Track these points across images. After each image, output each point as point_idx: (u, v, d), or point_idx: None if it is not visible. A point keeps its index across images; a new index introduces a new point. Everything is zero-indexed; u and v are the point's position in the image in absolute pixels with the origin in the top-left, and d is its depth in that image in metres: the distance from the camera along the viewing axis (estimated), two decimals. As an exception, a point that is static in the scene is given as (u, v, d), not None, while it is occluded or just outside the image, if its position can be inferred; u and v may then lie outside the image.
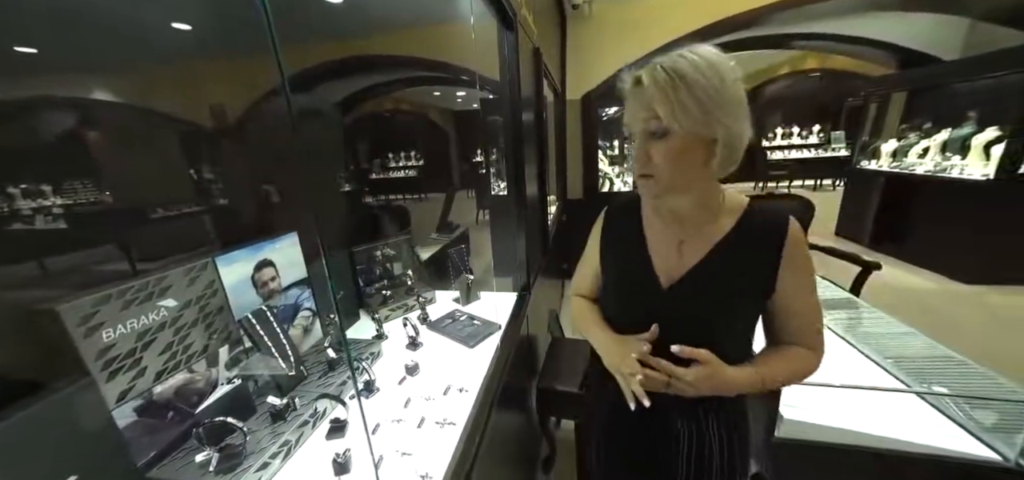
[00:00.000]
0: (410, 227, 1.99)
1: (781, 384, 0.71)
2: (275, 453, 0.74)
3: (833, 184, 8.25)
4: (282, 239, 1.05)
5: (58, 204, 1.02)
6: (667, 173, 0.62)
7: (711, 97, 0.57)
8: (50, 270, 0.85)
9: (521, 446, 1.51)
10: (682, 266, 0.70)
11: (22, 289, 0.73)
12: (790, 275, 0.65)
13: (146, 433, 0.71)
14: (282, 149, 1.06)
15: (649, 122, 0.60)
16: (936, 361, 1.24)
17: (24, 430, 0.54)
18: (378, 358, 1.12)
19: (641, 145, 0.63)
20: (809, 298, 0.69)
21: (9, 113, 0.86)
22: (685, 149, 0.60)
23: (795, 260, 0.65)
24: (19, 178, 0.90)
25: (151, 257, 0.89)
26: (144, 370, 0.72)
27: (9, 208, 0.91)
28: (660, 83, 0.58)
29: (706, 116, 0.58)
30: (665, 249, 0.72)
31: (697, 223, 0.69)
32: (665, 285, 0.71)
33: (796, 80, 9.20)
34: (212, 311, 0.86)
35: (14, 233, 0.85)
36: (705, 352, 0.63)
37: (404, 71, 2.78)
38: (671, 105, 0.57)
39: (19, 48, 0.83)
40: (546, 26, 3.12)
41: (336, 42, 1.92)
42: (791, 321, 0.70)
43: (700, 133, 0.59)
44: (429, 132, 4.83)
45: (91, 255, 0.98)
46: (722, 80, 0.58)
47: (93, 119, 1.03)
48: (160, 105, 1.25)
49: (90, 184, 1.07)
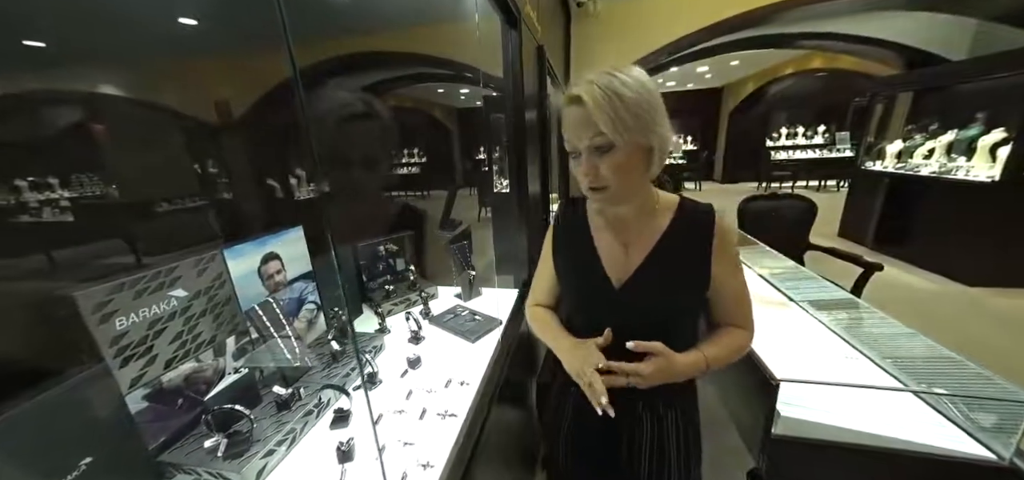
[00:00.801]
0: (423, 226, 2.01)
1: (723, 363, 0.76)
2: (280, 441, 0.76)
3: (837, 185, 8.19)
4: (288, 233, 1.07)
5: (66, 197, 1.04)
6: (616, 183, 0.67)
7: (644, 109, 0.63)
8: (59, 262, 0.87)
9: (521, 442, 1.53)
10: (629, 266, 0.75)
11: (38, 280, 0.75)
12: (721, 264, 0.73)
13: (157, 419, 0.74)
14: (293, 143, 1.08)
15: (595, 138, 0.64)
16: (935, 361, 1.25)
17: (44, 413, 0.57)
18: (381, 351, 1.14)
19: (588, 159, 0.66)
20: (736, 282, 0.77)
21: (16, 107, 0.88)
22: (629, 159, 0.65)
23: (724, 250, 0.73)
24: (28, 171, 0.92)
25: (161, 250, 0.91)
26: (155, 358, 0.74)
27: (17, 200, 0.93)
28: (600, 101, 0.62)
29: (643, 127, 0.63)
30: (613, 251, 0.77)
31: (638, 225, 0.76)
32: (617, 286, 0.76)
33: (801, 79, 9.13)
34: (220, 302, 0.88)
35: (24, 225, 0.88)
36: (658, 344, 0.69)
37: (408, 68, 2.80)
38: (613, 121, 0.61)
39: (27, 42, 0.85)
40: (551, 24, 3.12)
41: (339, 38, 1.94)
42: (725, 305, 0.78)
43: (640, 143, 0.65)
44: (432, 130, 4.85)
45: (100, 248, 1.00)
46: (650, 93, 0.64)
47: (99, 113, 1.05)
48: (169, 100, 1.27)
49: (96, 178, 1.10)
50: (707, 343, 0.77)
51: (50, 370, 0.62)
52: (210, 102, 1.42)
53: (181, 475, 0.71)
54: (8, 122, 0.86)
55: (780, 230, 2.57)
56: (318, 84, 1.86)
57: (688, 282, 0.75)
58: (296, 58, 0.42)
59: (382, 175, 1.67)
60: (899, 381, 1.19)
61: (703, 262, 0.73)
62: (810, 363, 1.27)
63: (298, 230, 1.11)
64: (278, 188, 1.88)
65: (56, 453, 0.58)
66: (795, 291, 1.78)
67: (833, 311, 1.61)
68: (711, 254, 0.72)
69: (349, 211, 1.51)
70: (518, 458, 1.47)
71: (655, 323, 0.74)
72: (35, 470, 0.55)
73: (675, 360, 0.70)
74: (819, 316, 1.56)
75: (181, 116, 1.35)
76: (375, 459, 0.76)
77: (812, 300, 1.69)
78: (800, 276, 1.99)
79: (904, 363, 1.24)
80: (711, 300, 0.78)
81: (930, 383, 1.15)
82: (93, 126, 1.07)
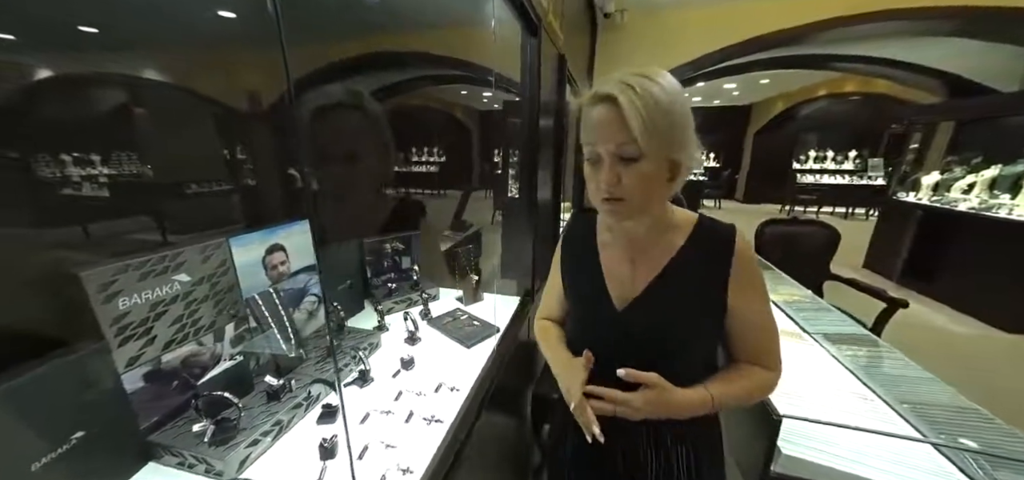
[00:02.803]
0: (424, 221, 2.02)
1: (735, 404, 0.69)
2: (267, 431, 0.77)
3: (866, 214, 7.85)
4: (294, 225, 1.09)
5: (105, 174, 1.09)
6: (638, 196, 0.61)
7: (678, 120, 0.58)
8: (93, 235, 0.91)
9: (513, 452, 1.51)
10: (635, 287, 0.70)
11: (68, 250, 0.78)
12: (741, 292, 0.66)
13: (151, 399, 0.75)
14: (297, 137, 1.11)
15: (623, 145, 0.58)
16: (960, 412, 1.17)
17: (41, 386, 0.59)
18: (377, 349, 1.15)
19: (611, 167, 0.60)
20: (760, 315, 0.68)
21: (70, 87, 0.93)
22: (655, 172, 0.60)
23: (743, 275, 0.65)
24: (74, 148, 0.97)
25: (186, 230, 0.94)
26: (154, 339, 0.76)
27: (61, 174, 0.98)
28: (637, 105, 0.56)
29: (675, 139, 0.59)
30: (619, 270, 0.72)
31: (649, 243, 0.70)
32: (619, 306, 0.70)
33: (834, 102, 8.84)
34: (223, 289, 0.90)
35: (65, 198, 0.92)
36: (652, 375, 0.63)
37: (430, 68, 2.83)
38: (647, 128, 0.56)
39: (83, 27, 0.90)
40: (576, 34, 3.12)
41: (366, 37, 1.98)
42: (744, 339, 0.70)
43: (669, 156, 0.60)
44: (452, 130, 4.89)
45: (131, 224, 1.04)
46: (684, 103, 0.59)
47: (140, 96, 1.10)
48: (204, 89, 1.31)
49: (134, 156, 1.15)
50: (717, 379, 0.69)
51: (54, 341, 0.64)
52: (241, 91, 1.46)
53: (168, 456, 0.72)
54: (61, 100, 0.91)
55: (799, 257, 2.47)
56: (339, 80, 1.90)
57: (699, 309, 0.68)
58: (288, 54, 0.42)
59: (389, 172, 1.69)
60: (917, 429, 1.12)
61: (718, 288, 0.66)
62: (819, 400, 1.21)
63: (304, 223, 1.13)
64: (298, 178, 1.92)
65: (50, 425, 0.60)
66: (809, 323, 1.70)
67: (849, 347, 1.53)
68: (728, 279, 0.65)
69: (354, 208, 1.53)
70: (508, 468, 1.45)
71: (659, 351, 0.68)
72: (28, 439, 0.57)
73: (673, 395, 0.63)
74: (833, 351, 1.48)
75: (214, 103, 1.39)
76: (357, 459, 0.76)
77: (827, 333, 1.61)
78: (817, 307, 1.91)
79: (923, 410, 1.16)
80: (729, 332, 0.70)
81: (951, 435, 1.08)
82: (134, 109, 1.12)
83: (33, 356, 0.60)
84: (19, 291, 0.64)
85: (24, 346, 0.61)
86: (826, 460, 1.00)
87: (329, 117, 1.47)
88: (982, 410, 1.14)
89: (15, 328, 0.63)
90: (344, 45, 1.80)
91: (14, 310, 0.63)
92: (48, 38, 0.81)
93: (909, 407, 1.18)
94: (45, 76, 0.84)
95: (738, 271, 0.65)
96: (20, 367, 0.57)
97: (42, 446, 0.58)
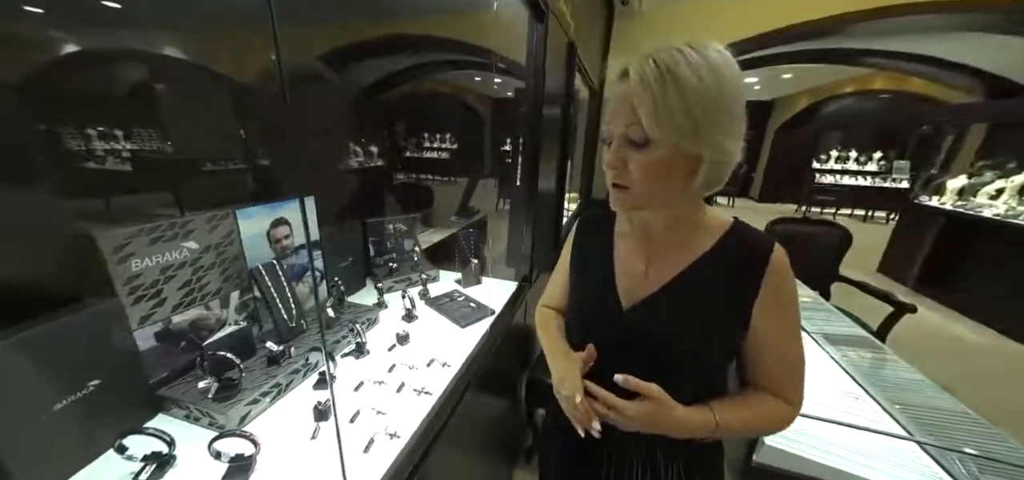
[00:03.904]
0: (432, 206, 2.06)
1: (740, 433, 0.63)
2: (266, 392, 0.82)
3: (886, 217, 7.59)
4: (296, 201, 1.13)
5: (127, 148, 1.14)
6: (642, 186, 0.56)
7: (704, 108, 0.49)
8: (114, 207, 0.96)
9: (504, 431, 1.56)
10: (647, 287, 0.64)
11: (90, 221, 0.84)
12: (767, 311, 0.58)
13: (162, 356, 0.81)
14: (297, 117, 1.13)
15: (630, 128, 0.53)
16: (949, 415, 1.17)
17: (63, 334, 0.64)
18: (375, 324, 1.20)
19: (618, 149, 0.56)
20: (788, 342, 0.60)
21: (93, 61, 0.98)
22: (665, 163, 0.53)
23: (775, 294, 0.57)
24: (99, 122, 1.02)
25: (201, 207, 0.98)
26: (164, 301, 0.82)
27: (87, 147, 1.04)
28: (648, 83, 0.50)
29: (695, 129, 0.50)
30: (631, 267, 0.66)
31: (669, 242, 0.63)
32: (625, 304, 0.65)
33: (861, 100, 8.47)
34: (229, 258, 0.95)
35: (89, 170, 0.98)
36: (652, 387, 0.57)
37: (441, 53, 2.84)
38: (656, 111, 0.50)
39: (105, 2, 0.95)
40: (588, 20, 3.07)
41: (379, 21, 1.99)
42: (763, 364, 0.62)
43: (685, 147, 0.52)
44: (462, 117, 4.89)
45: (151, 199, 1.10)
46: (720, 90, 0.50)
47: (161, 73, 1.14)
48: (221, 67, 1.35)
49: (154, 133, 1.20)
50: (725, 402, 0.62)
51: (72, 297, 0.70)
52: (257, 70, 1.50)
53: (176, 408, 0.78)
54: (86, 75, 0.96)
55: (807, 257, 2.43)
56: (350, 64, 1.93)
57: (715, 324, 0.60)
58: (279, 39, 0.45)
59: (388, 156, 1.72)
60: (904, 429, 1.11)
61: (742, 304, 0.58)
62: (809, 396, 1.21)
63: (309, 200, 1.17)
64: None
65: (70, 370, 0.66)
66: (810, 322, 1.69)
67: (849, 348, 1.52)
68: (756, 297, 0.57)
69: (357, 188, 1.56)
70: (497, 446, 1.50)
71: (662, 361, 0.61)
72: (50, 381, 0.63)
73: (672, 411, 0.57)
74: (831, 351, 1.48)
75: (231, 81, 1.42)
76: (349, 422, 0.81)
77: (827, 334, 1.60)
78: (820, 307, 1.89)
79: (912, 410, 1.16)
80: (748, 355, 0.62)
81: (940, 437, 1.07)
82: (155, 85, 1.17)
83: (55, 307, 0.65)
84: (46, 249, 0.70)
85: (46, 299, 0.66)
86: (810, 452, 1.01)
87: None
88: (971, 412, 1.13)
89: (39, 282, 0.68)
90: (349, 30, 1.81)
91: (39, 265, 0.69)
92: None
93: (900, 408, 1.17)
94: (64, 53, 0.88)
95: (770, 291, 0.57)
96: (43, 317, 0.63)
97: (62, 389, 0.64)
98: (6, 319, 0.60)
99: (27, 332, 0.60)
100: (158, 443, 0.66)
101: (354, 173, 1.90)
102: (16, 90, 0.71)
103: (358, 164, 2.03)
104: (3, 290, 0.64)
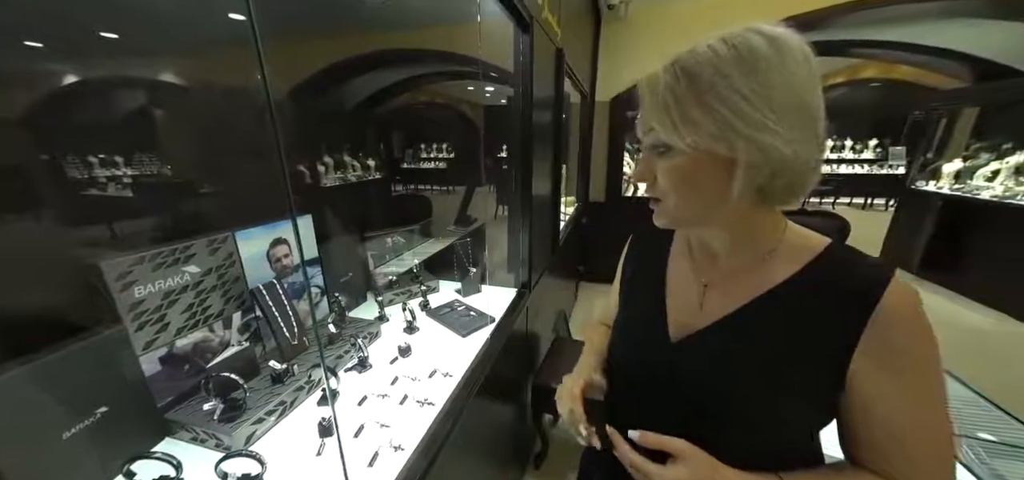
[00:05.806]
0: (430, 217, 2.08)
1: None
2: (271, 411, 0.83)
3: (885, 204, 7.61)
4: (298, 220, 1.15)
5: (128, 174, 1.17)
6: (673, 198, 0.47)
7: (732, 98, 0.41)
8: (117, 233, 0.98)
9: (512, 439, 1.56)
10: (701, 318, 0.52)
11: (93, 248, 0.86)
12: (877, 368, 0.42)
13: (167, 380, 0.82)
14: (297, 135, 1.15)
15: (648, 134, 0.47)
16: (955, 400, 1.17)
17: (70, 363, 0.66)
18: (376, 338, 1.21)
19: (645, 160, 0.49)
20: (912, 412, 0.42)
21: (93, 91, 1.01)
22: (693, 170, 0.44)
23: (890, 347, 0.41)
24: (99, 149, 1.04)
25: (198, 230, 1.00)
26: (168, 325, 0.83)
27: (89, 175, 1.06)
28: (655, 80, 0.45)
29: (719, 126, 0.41)
30: (685, 290, 0.56)
31: (733, 267, 0.51)
32: (674, 336, 0.54)
33: (853, 90, 8.51)
34: (230, 280, 0.96)
35: (91, 198, 0.99)
36: (677, 442, 0.46)
37: (432, 65, 2.89)
38: (667, 112, 0.43)
39: (103, 33, 0.98)
40: (577, 26, 3.11)
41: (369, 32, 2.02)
42: (874, 439, 0.44)
43: (714, 150, 0.42)
44: (459, 127, 4.94)
45: (151, 223, 1.11)
46: (754, 78, 0.40)
47: (157, 98, 1.16)
48: (218, 85, 1.36)
49: (154, 157, 1.22)
50: (804, 475, 0.47)
51: (78, 326, 0.71)
52: (249, 89, 1.52)
53: (182, 431, 0.79)
54: (86, 104, 0.99)
55: (806, 248, 2.45)
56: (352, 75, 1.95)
57: (785, 374, 0.45)
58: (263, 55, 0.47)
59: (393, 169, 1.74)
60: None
61: (832, 355, 0.44)
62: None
63: (307, 218, 1.19)
64: (307, 174, 2.00)
65: (78, 399, 0.67)
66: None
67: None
68: (856, 345, 0.42)
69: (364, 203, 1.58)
70: (504, 453, 1.50)
71: (712, 410, 0.49)
72: (59, 410, 0.64)
73: (717, 472, 0.45)
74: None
75: (226, 99, 1.43)
76: (353, 437, 0.82)
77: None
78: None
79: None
80: (849, 422, 0.46)
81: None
82: (153, 110, 1.19)
83: (63, 337, 0.67)
84: (51, 280, 0.72)
85: (54, 329, 0.68)
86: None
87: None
88: (982, 399, 1.13)
89: (46, 313, 0.70)
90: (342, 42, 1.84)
91: (45, 296, 0.70)
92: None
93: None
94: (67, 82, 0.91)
95: (880, 339, 0.42)
96: (51, 347, 0.65)
97: (71, 418, 0.65)
98: (17, 350, 0.61)
99: (36, 362, 0.61)
100: (165, 467, 0.67)
101: (352, 187, 1.93)
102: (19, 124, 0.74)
103: (356, 178, 2.05)
104: (12, 321, 0.65)
